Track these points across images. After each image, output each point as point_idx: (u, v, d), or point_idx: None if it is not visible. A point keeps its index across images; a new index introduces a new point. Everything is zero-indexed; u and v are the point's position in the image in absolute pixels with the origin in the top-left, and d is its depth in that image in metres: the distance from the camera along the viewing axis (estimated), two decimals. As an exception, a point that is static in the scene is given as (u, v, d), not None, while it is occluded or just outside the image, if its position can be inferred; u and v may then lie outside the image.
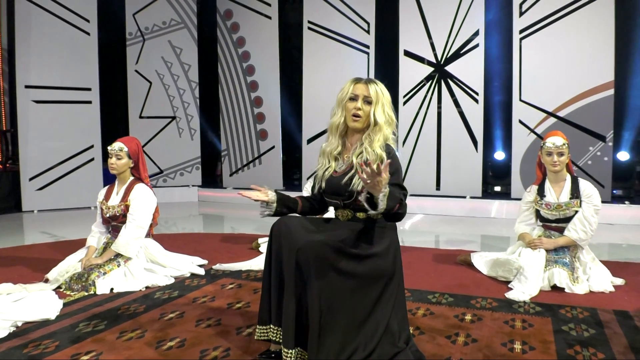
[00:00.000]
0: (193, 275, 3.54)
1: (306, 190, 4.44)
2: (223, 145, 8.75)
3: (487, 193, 7.39)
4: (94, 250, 3.41)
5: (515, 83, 6.88)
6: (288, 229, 2.08)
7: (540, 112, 6.79)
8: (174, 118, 8.52)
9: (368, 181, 1.84)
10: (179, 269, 3.53)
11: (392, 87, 7.59)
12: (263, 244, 4.46)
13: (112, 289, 3.11)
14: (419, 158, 7.34)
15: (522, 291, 3.10)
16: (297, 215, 2.37)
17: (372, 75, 7.51)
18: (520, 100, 6.87)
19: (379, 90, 2.20)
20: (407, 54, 7.34)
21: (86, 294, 3.05)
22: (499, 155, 7.55)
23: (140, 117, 8.25)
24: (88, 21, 7.45)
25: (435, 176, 7.29)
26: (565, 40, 6.62)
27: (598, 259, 3.50)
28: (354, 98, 2.21)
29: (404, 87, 7.36)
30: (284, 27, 8.27)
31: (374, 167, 1.81)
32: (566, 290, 3.19)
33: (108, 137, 7.08)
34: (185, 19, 8.53)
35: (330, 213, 2.53)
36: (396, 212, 2.01)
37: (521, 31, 6.80)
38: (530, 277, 3.19)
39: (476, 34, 6.99)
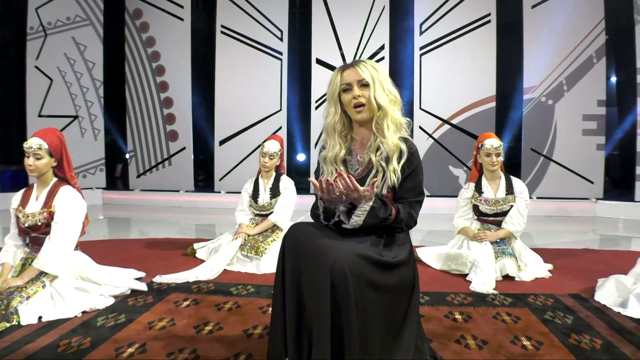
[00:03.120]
0: (134, 291, 2.70)
1: (245, 191, 3.76)
2: (129, 146, 7.55)
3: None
4: (10, 268, 2.43)
5: (416, 93, 6.81)
6: (310, 240, 1.50)
7: (437, 119, 6.79)
8: (76, 117, 7.14)
9: (351, 195, 1.52)
10: (117, 285, 2.66)
11: (305, 92, 7.15)
12: (200, 250, 3.69)
13: (40, 318, 2.20)
14: (329, 160, 6.95)
15: (481, 283, 2.91)
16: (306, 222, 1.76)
17: (285, 81, 6.98)
18: (420, 108, 6.81)
19: (372, 69, 1.68)
20: (319, 62, 6.91)
21: (8, 325, 2.10)
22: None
23: (40, 115, 6.75)
24: (-17, 12, 5.93)
25: (345, 177, 6.95)
26: (457, 58, 6.70)
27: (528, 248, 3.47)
28: (347, 88, 1.69)
29: (316, 93, 6.91)
30: (197, 30, 7.36)
31: (349, 182, 1.48)
32: (516, 278, 3.10)
33: (2, 137, 5.69)
34: (90, 15, 7.20)
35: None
36: (390, 225, 1.62)
37: (421, 48, 6.75)
38: (485, 269, 3.03)
39: (382, 47, 6.79)
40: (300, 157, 7.81)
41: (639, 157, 6.02)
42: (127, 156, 7.62)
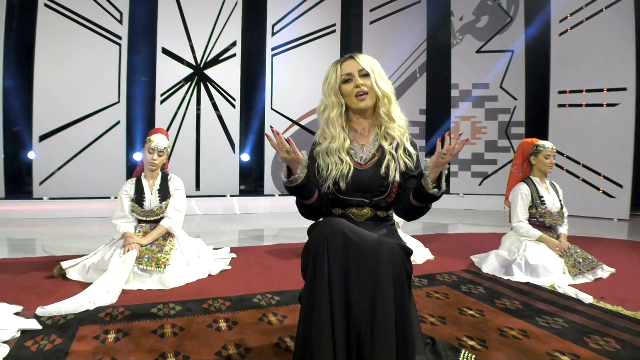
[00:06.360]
0: (25, 332, 2.07)
1: (126, 194, 3.26)
2: None
3: (244, 191, 7.16)
4: None
5: (268, 93, 6.90)
6: (357, 234, 1.45)
7: (287, 120, 7.00)
8: None
9: (445, 158, 1.48)
10: (3, 327, 2.03)
11: (149, 84, 6.55)
12: (71, 269, 3.03)
13: None
14: (177, 158, 6.49)
15: None
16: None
17: (124, 70, 6.26)
18: (272, 109, 6.93)
19: (370, 60, 1.74)
20: (165, 52, 6.41)
21: None
22: (253, 157, 7.44)
23: None
24: None
25: (195, 176, 6.62)
26: (305, 62, 7.03)
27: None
28: (348, 79, 1.72)
29: (161, 85, 6.39)
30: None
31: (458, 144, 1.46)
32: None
33: None
34: None
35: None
36: (430, 202, 1.66)
37: (273, 49, 6.87)
38: None
39: (234, 44, 6.68)
40: (138, 156, 7.09)
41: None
42: None
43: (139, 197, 3.22)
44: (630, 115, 5.99)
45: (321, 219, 1.57)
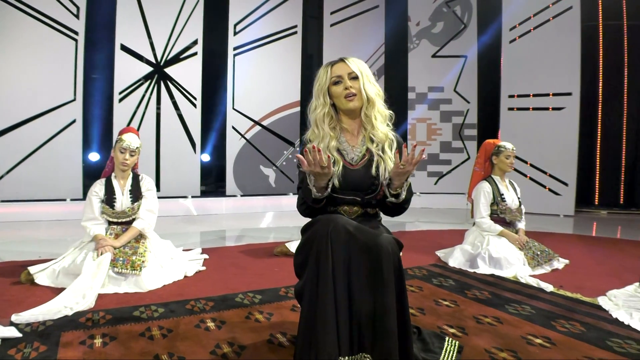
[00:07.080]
0: (5, 341, 1.95)
1: (96, 195, 3.16)
2: None
3: (204, 192, 7.05)
4: None
5: (229, 93, 6.85)
6: (357, 230, 1.53)
7: (249, 120, 6.98)
8: None
9: (405, 168, 1.58)
10: None
11: (108, 81, 6.33)
12: (40, 274, 2.90)
13: None
14: (137, 159, 6.32)
15: None
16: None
17: (81, 66, 6.02)
18: (233, 109, 6.89)
19: (359, 64, 1.82)
20: (124, 48, 6.21)
21: None
22: (215, 157, 7.34)
23: None
24: None
25: (155, 177, 6.46)
26: (267, 62, 7.04)
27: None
28: (338, 81, 1.80)
29: (120, 83, 6.18)
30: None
31: (417, 154, 1.55)
32: None
33: None
34: None
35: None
36: (406, 203, 1.79)
37: (235, 48, 6.83)
38: None
39: (195, 42, 6.58)
40: (94, 156, 6.80)
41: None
42: None
43: (109, 198, 3.13)
44: (575, 118, 6.46)
45: (318, 217, 1.63)
